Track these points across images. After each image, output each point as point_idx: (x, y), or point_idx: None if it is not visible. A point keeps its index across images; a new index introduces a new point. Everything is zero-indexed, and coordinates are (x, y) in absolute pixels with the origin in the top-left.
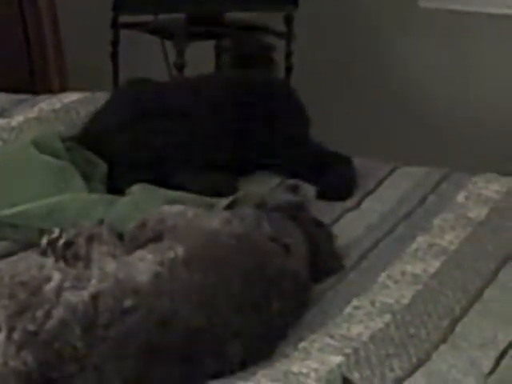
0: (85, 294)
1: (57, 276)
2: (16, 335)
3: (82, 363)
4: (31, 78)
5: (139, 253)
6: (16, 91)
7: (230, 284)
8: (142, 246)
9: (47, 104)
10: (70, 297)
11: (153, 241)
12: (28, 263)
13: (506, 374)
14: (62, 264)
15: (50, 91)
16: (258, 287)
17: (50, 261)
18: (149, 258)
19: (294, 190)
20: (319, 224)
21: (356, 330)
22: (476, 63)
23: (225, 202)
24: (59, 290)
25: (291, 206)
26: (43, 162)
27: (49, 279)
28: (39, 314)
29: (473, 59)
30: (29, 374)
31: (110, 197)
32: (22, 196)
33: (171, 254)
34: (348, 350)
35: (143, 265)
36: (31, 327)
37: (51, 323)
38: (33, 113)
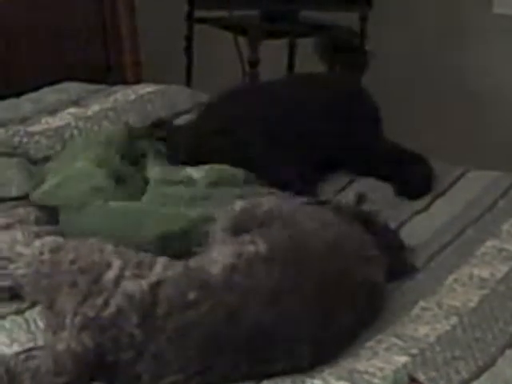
0: (144, 284)
1: (117, 263)
2: (77, 320)
3: (140, 350)
4: (107, 69)
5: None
6: (91, 82)
7: (307, 288)
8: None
9: (122, 95)
10: (129, 286)
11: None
12: (89, 247)
13: None
14: (122, 249)
15: (125, 83)
16: (334, 296)
17: (109, 246)
18: (227, 250)
19: (362, 198)
20: (390, 231)
21: (423, 331)
22: None
23: None
24: (118, 279)
25: (363, 215)
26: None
27: (109, 265)
28: (98, 302)
29: None
30: (85, 355)
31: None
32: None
33: (252, 248)
34: (414, 351)
35: (220, 256)
36: (91, 313)
37: (109, 310)
38: (108, 103)
